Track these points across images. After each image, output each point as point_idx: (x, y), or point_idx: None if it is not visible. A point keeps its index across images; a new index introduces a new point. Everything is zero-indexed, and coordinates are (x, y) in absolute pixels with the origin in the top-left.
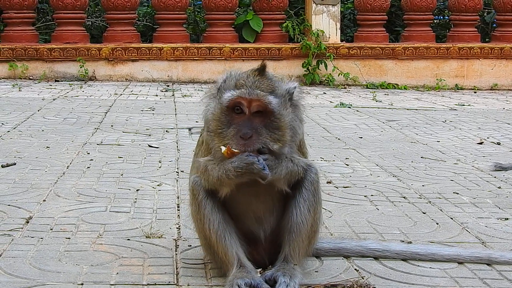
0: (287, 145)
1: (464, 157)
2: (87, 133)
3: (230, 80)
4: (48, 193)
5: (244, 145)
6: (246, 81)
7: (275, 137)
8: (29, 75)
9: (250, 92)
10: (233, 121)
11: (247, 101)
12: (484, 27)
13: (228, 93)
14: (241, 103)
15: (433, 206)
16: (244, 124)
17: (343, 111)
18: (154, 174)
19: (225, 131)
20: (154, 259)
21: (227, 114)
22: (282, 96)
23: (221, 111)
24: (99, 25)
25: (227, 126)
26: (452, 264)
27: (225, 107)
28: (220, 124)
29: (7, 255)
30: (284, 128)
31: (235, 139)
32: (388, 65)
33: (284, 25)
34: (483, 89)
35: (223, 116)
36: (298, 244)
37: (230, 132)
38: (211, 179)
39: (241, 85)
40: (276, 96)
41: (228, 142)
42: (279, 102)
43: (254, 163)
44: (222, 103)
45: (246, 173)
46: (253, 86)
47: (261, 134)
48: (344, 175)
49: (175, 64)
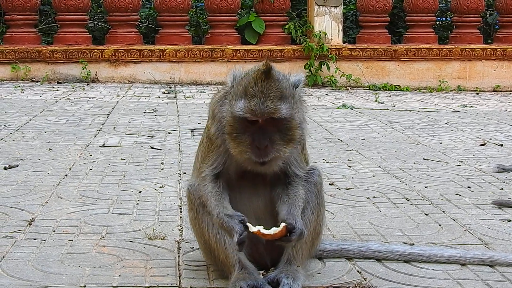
0: (298, 144)
1: (466, 158)
2: (89, 135)
3: (238, 85)
4: (51, 195)
5: (261, 155)
6: (255, 88)
7: (287, 138)
8: (31, 77)
9: (261, 105)
10: (247, 128)
11: (260, 113)
12: (487, 28)
13: (239, 104)
14: (252, 117)
15: (436, 208)
16: (259, 133)
17: (345, 113)
18: (157, 176)
19: (239, 136)
20: (156, 261)
21: (240, 122)
22: (291, 97)
23: (233, 119)
24: (102, 27)
25: (241, 132)
26: (454, 265)
27: (237, 117)
28: (235, 130)
29: (9, 257)
30: (294, 128)
31: (252, 148)
32: (391, 67)
33: (287, 26)
34: (485, 90)
35: (236, 123)
36: (301, 246)
37: (246, 140)
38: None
39: (251, 95)
40: (285, 100)
41: (245, 149)
42: (289, 106)
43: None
44: (234, 114)
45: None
46: (263, 96)
47: (275, 141)
48: (347, 176)
49: (178, 65)
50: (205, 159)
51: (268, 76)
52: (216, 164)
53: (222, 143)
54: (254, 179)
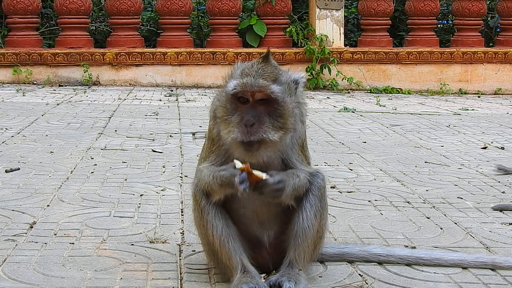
0: (289, 133)
1: (468, 161)
2: (91, 138)
3: (237, 69)
4: (52, 198)
5: (247, 133)
6: (251, 70)
7: (278, 125)
8: (33, 80)
9: (253, 81)
10: (238, 109)
11: (250, 91)
12: (488, 31)
13: (233, 82)
14: (243, 92)
15: (437, 211)
16: (248, 112)
17: (347, 116)
18: (158, 179)
19: (230, 118)
20: (158, 264)
21: (232, 102)
22: (286, 83)
23: (226, 99)
24: (103, 30)
25: (232, 113)
26: (456, 269)
27: (230, 96)
28: (226, 112)
29: (11, 260)
30: (286, 115)
31: (239, 127)
32: (392, 70)
33: (288, 29)
34: (487, 93)
35: (229, 104)
36: (304, 249)
37: (235, 119)
38: (204, 183)
39: (246, 74)
40: (279, 84)
41: (232, 129)
42: (282, 89)
43: (235, 176)
44: (227, 92)
45: (227, 185)
46: (257, 75)
47: (264, 122)
48: (348, 180)
49: (179, 69)
50: (206, 159)
51: (266, 59)
52: (215, 163)
53: (223, 144)
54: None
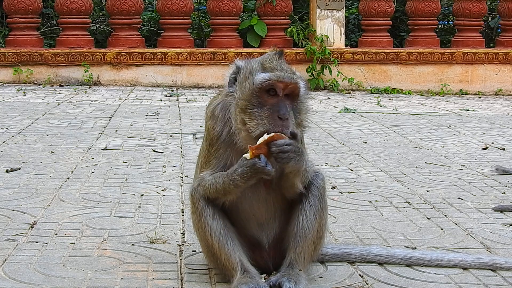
0: (305, 131)
1: (468, 162)
2: (91, 138)
3: (251, 63)
4: (53, 198)
5: (282, 126)
6: (273, 64)
7: (297, 121)
8: (33, 80)
9: (285, 75)
10: (266, 102)
11: (283, 84)
12: (489, 32)
13: (262, 75)
14: (276, 85)
15: (438, 212)
16: (279, 105)
17: (347, 116)
18: (159, 179)
19: (257, 111)
20: (158, 264)
21: (259, 96)
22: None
23: (251, 92)
24: (104, 30)
25: (259, 106)
26: (456, 270)
27: (257, 89)
28: (251, 105)
29: (11, 260)
30: (305, 112)
31: (272, 120)
32: (393, 70)
33: (289, 30)
34: (487, 94)
35: (254, 97)
36: (304, 250)
37: (264, 112)
38: (215, 190)
39: (271, 68)
40: (302, 80)
41: (262, 121)
42: (305, 85)
43: (256, 163)
44: (255, 85)
45: (252, 176)
46: (282, 69)
47: (291, 117)
48: (349, 180)
49: (180, 69)
50: (206, 164)
51: (281, 56)
52: (216, 168)
53: (223, 144)
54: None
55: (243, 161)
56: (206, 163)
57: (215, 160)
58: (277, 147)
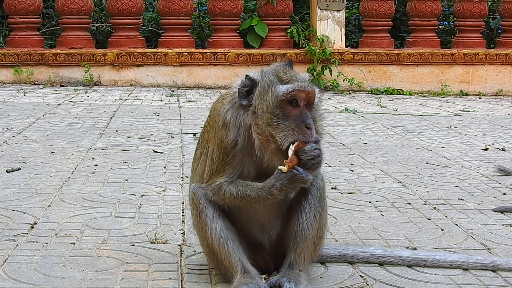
0: (322, 139)
1: (469, 163)
2: (92, 138)
3: (267, 76)
4: (53, 198)
5: (309, 135)
6: (287, 75)
7: (316, 129)
8: (34, 80)
9: (305, 84)
10: (289, 114)
11: (305, 93)
12: (489, 33)
13: (284, 87)
14: (298, 96)
15: (438, 212)
16: (302, 115)
17: (348, 117)
18: (159, 179)
19: (282, 123)
20: (158, 264)
21: (282, 108)
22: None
23: (275, 105)
24: (104, 30)
25: (283, 119)
26: (457, 270)
27: (281, 101)
28: (275, 118)
29: (12, 261)
30: (320, 120)
31: (299, 130)
32: (393, 71)
33: (289, 30)
34: (488, 95)
35: (278, 110)
36: (304, 250)
37: (290, 124)
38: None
39: (289, 79)
40: (317, 88)
41: (290, 132)
42: (319, 93)
43: (296, 175)
44: (279, 97)
45: (292, 187)
46: (298, 79)
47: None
48: (349, 181)
49: (180, 69)
50: (220, 172)
51: (291, 66)
52: (231, 175)
53: (240, 153)
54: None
55: (279, 174)
56: (220, 171)
57: (231, 169)
58: (306, 155)
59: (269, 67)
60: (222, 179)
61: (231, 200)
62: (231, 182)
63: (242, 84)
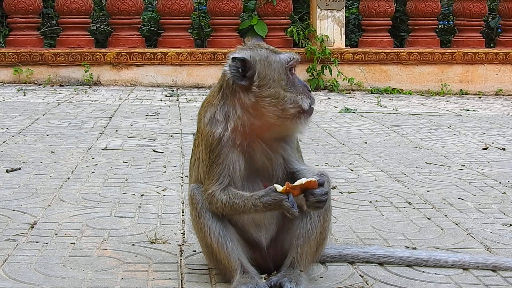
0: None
1: (469, 162)
2: (91, 138)
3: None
4: (53, 198)
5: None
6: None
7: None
8: (34, 80)
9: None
10: (290, 79)
11: (297, 62)
12: (489, 32)
13: (283, 56)
14: (295, 63)
15: (438, 212)
16: (301, 81)
17: (347, 116)
18: (159, 179)
19: (293, 88)
20: (158, 264)
21: (286, 74)
22: None
23: (283, 72)
24: (104, 30)
25: (289, 85)
26: (457, 270)
27: (284, 68)
28: (287, 84)
29: (11, 260)
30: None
31: (305, 94)
32: (393, 70)
33: (289, 30)
34: (487, 94)
35: (286, 76)
36: (306, 251)
37: (298, 89)
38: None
39: (278, 51)
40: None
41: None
42: None
43: (283, 200)
44: (282, 65)
45: (275, 209)
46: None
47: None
48: (349, 180)
49: (180, 69)
50: (210, 176)
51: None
52: (222, 179)
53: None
54: (253, 184)
55: (271, 191)
56: (210, 174)
57: (218, 169)
58: (314, 197)
59: (245, 45)
60: (214, 187)
61: (223, 208)
62: (223, 189)
63: (233, 66)
